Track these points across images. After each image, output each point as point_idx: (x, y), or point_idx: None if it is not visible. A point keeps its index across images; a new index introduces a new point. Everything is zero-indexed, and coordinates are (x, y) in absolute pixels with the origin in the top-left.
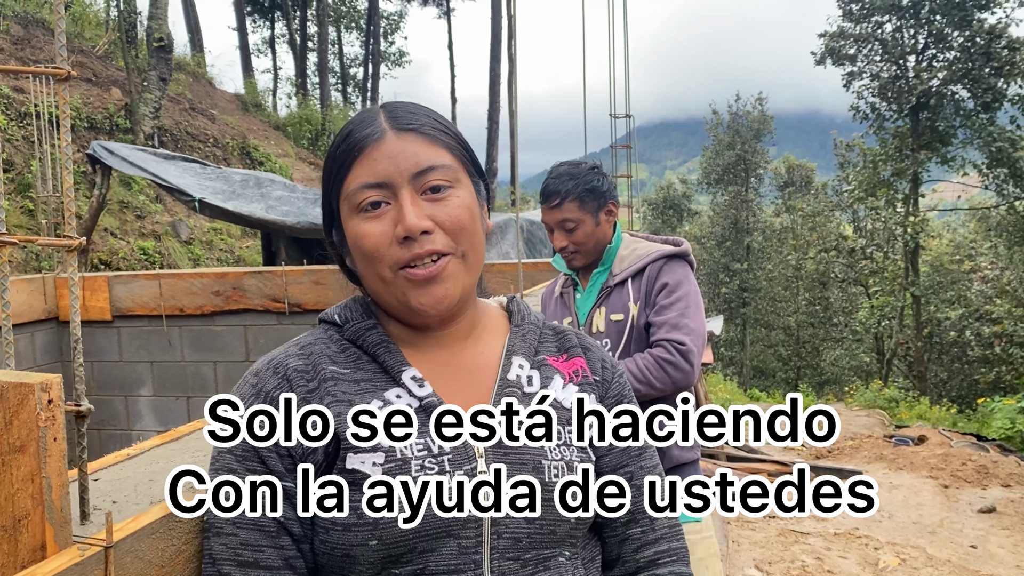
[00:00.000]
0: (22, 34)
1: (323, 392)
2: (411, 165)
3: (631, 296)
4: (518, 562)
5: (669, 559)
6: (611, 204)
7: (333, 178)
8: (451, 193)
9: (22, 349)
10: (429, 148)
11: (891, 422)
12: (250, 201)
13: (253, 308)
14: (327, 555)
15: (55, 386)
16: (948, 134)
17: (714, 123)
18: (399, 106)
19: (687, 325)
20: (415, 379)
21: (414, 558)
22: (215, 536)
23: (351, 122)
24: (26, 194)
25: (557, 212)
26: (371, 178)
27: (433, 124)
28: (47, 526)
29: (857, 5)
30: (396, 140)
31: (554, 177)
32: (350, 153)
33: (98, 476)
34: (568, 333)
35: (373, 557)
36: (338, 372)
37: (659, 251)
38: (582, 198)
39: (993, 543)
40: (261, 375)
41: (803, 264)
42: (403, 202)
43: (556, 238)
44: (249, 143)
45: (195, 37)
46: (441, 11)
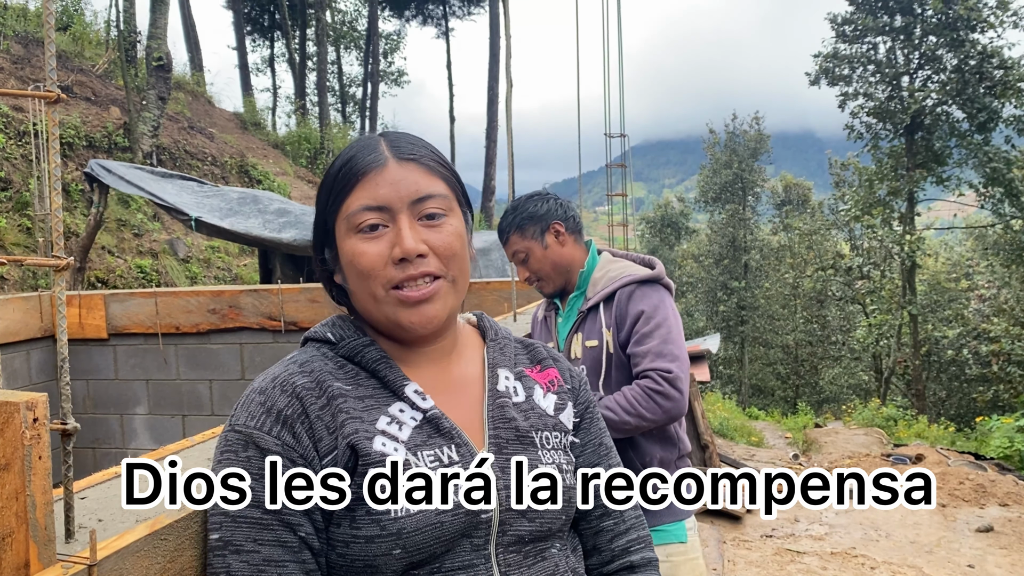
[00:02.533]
0: (23, 53)
1: (335, 409)
2: (411, 192)
3: (603, 322)
4: (520, 554)
5: (639, 546)
6: (556, 224)
7: (333, 198)
8: (445, 221)
9: (18, 367)
10: (427, 178)
11: (889, 440)
12: (247, 219)
13: (249, 326)
14: (346, 568)
15: (40, 405)
16: (943, 154)
17: (711, 142)
18: (400, 136)
19: (671, 352)
20: (418, 392)
21: (433, 560)
22: (233, 554)
23: (352, 147)
24: (24, 212)
25: (508, 247)
26: (372, 201)
27: (431, 156)
28: (31, 544)
29: (850, 27)
30: (397, 168)
31: (501, 218)
32: (353, 176)
33: (85, 494)
34: (536, 346)
35: (396, 565)
36: (342, 388)
37: (629, 275)
38: (521, 227)
39: (991, 563)
40: (268, 393)
41: (801, 282)
42: (401, 225)
43: (518, 272)
44: (248, 161)
45: (195, 56)
46: (440, 31)
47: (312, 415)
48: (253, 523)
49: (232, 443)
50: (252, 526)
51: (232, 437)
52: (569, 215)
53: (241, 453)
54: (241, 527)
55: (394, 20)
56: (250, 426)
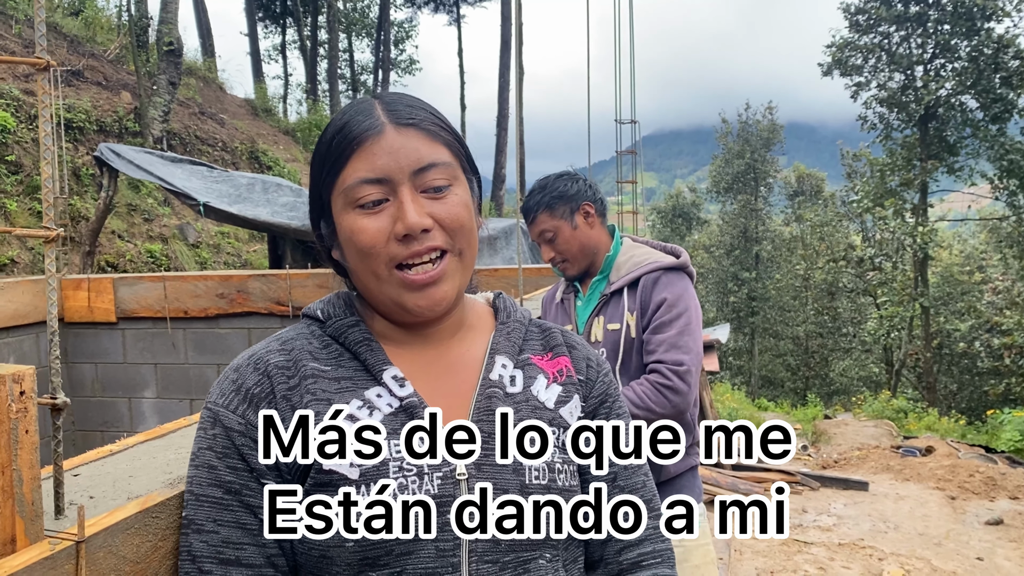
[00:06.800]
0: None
1: (303, 390)
2: (412, 161)
3: (627, 306)
4: (497, 564)
5: (654, 561)
6: (586, 205)
7: (328, 170)
8: (450, 191)
9: (27, 350)
10: (429, 144)
11: (899, 433)
12: (256, 205)
13: (257, 311)
14: (304, 555)
15: (27, 378)
16: (956, 145)
17: (723, 132)
18: (397, 98)
19: (686, 344)
20: (396, 378)
21: (391, 561)
22: (195, 533)
23: (345, 112)
24: (34, 196)
25: (534, 226)
26: (370, 173)
27: (432, 120)
28: (17, 519)
29: (863, 16)
30: (396, 135)
31: (527, 196)
32: (348, 146)
33: (78, 472)
34: (554, 331)
35: (350, 559)
36: (319, 369)
37: (655, 262)
38: (551, 206)
39: (1000, 555)
40: (242, 371)
41: (812, 274)
42: (404, 199)
43: (543, 251)
44: (258, 147)
45: (206, 42)
46: (451, 18)
47: (279, 395)
48: (214, 503)
49: (204, 420)
50: (213, 506)
51: (204, 414)
52: (598, 197)
53: (209, 431)
54: (203, 506)
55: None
56: (219, 404)
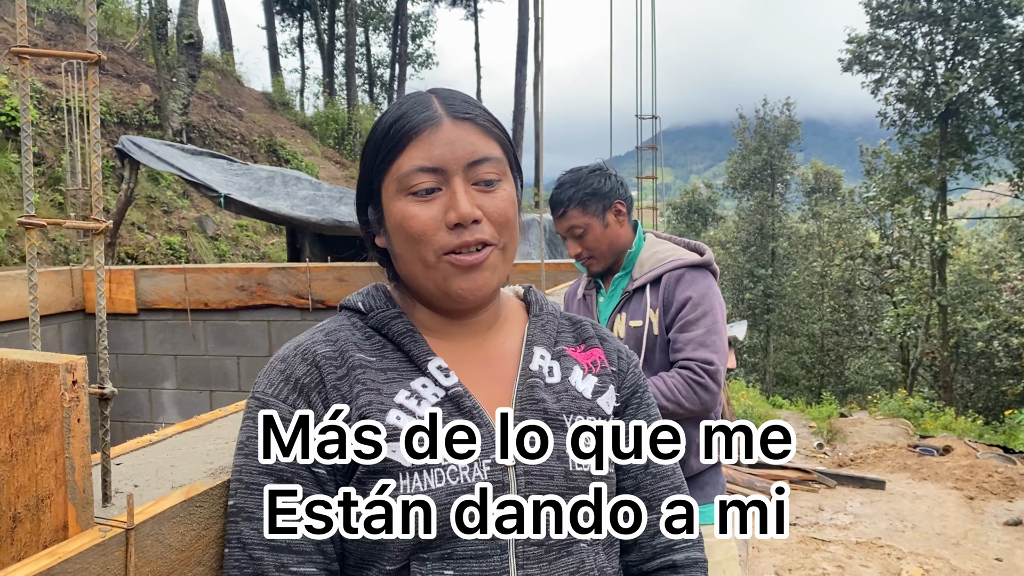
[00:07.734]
0: (55, 30)
1: (352, 380)
2: (467, 154)
3: (649, 302)
4: (542, 547)
5: (685, 544)
6: (618, 203)
7: (382, 157)
8: (500, 186)
9: (49, 340)
10: (483, 139)
11: (915, 432)
12: (276, 198)
13: (277, 304)
14: (356, 542)
15: (80, 367)
16: (974, 142)
17: (740, 128)
18: (453, 94)
19: (714, 343)
20: (441, 368)
21: (443, 543)
22: (245, 521)
23: (402, 104)
24: (56, 188)
25: (564, 221)
26: (426, 161)
27: (486, 116)
28: (69, 506)
29: (885, 11)
30: (453, 127)
31: (557, 187)
32: (406, 134)
33: (120, 461)
34: (585, 323)
35: (404, 545)
36: (365, 360)
37: (679, 259)
38: (584, 202)
39: (1019, 556)
40: (289, 361)
41: (828, 271)
42: (456, 189)
43: (569, 246)
44: (276, 141)
45: (224, 35)
46: (468, 12)
47: (329, 384)
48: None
49: (251, 409)
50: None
51: (251, 404)
52: (628, 194)
53: (258, 419)
54: (254, 494)
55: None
56: (268, 393)
